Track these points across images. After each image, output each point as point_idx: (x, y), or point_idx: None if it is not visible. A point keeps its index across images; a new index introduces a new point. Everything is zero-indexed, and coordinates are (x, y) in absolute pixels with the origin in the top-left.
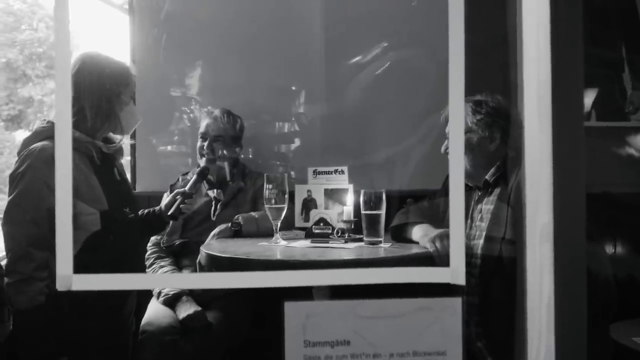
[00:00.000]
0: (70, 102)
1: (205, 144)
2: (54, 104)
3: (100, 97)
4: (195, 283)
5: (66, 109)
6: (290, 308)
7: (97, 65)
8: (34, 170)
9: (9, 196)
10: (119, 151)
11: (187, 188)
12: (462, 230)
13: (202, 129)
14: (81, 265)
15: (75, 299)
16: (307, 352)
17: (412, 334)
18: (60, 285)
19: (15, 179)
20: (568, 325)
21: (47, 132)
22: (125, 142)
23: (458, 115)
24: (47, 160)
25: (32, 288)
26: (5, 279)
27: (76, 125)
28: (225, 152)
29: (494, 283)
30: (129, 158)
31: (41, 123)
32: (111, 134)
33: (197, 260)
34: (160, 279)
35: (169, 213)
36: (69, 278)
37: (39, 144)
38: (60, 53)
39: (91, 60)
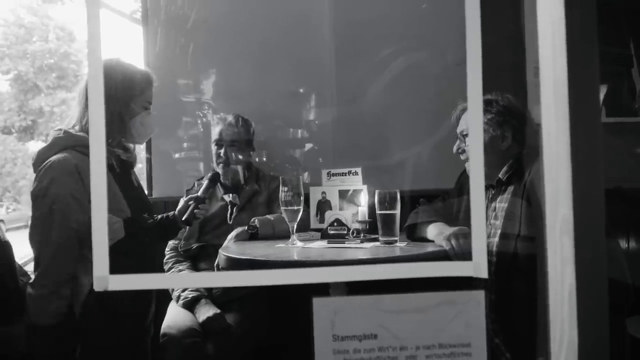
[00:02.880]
0: (103, 107)
1: (222, 150)
2: (89, 111)
3: (111, 105)
4: (225, 281)
5: (99, 116)
6: (319, 304)
7: (115, 72)
8: (58, 185)
9: (34, 212)
10: (134, 158)
11: (199, 193)
12: (484, 224)
13: (215, 135)
14: None
15: (96, 304)
16: (335, 346)
17: (437, 326)
18: (97, 286)
19: (38, 195)
20: (590, 317)
21: (63, 143)
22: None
23: (477, 115)
24: (70, 172)
25: (53, 305)
26: (29, 290)
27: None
28: (240, 156)
29: (509, 279)
30: (140, 165)
31: (57, 133)
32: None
33: (215, 263)
34: (193, 278)
35: (182, 218)
36: (105, 279)
37: (57, 157)
38: (92, 62)
39: (107, 68)
